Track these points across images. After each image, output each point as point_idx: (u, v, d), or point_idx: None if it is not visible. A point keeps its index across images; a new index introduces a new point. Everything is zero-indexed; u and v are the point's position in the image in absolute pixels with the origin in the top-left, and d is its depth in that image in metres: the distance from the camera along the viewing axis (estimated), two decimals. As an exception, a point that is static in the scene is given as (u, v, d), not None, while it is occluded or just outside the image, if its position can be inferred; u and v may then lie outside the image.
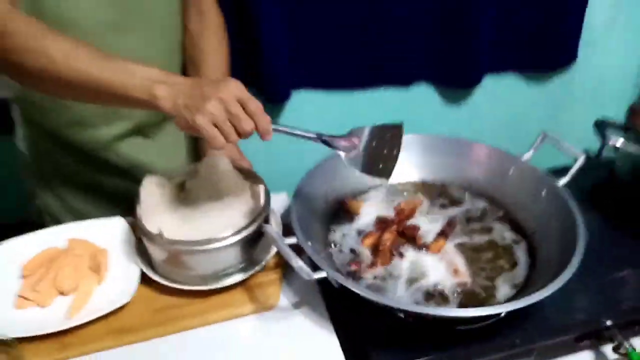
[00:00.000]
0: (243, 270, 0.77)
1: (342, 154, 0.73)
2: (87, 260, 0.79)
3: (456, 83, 1.56)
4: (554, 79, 1.63)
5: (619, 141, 0.84)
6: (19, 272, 0.79)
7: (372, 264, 0.78)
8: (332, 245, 0.82)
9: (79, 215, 0.95)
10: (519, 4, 1.46)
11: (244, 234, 0.74)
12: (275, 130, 0.68)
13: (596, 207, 0.92)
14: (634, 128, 0.86)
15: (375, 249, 0.80)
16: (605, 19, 1.59)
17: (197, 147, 1.02)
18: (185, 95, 0.63)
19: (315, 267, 0.69)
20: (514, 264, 0.79)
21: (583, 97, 1.60)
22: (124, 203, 0.85)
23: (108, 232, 0.84)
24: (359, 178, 0.90)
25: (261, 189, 0.80)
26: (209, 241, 0.73)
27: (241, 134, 0.65)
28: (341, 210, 0.88)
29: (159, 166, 0.91)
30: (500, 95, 1.58)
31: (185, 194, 0.83)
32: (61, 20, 0.76)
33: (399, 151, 0.72)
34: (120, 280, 0.77)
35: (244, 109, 0.64)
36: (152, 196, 0.78)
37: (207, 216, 0.78)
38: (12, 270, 0.79)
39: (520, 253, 0.80)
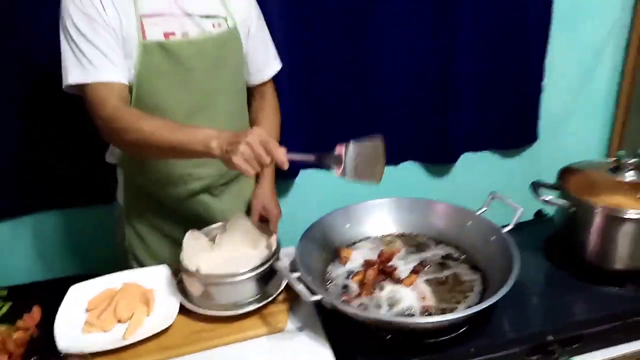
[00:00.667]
0: (258, 301, 1.00)
1: (334, 170, 0.93)
2: (138, 297, 1.02)
3: (439, 160, 1.84)
4: (522, 154, 1.92)
5: (548, 197, 1.08)
6: (86, 307, 1.02)
7: (359, 294, 1.00)
8: (328, 281, 1.05)
9: (156, 256, 1.24)
10: (488, 97, 1.79)
11: (259, 270, 0.98)
12: (288, 158, 0.91)
13: (544, 251, 1.15)
14: (562, 187, 1.10)
15: (361, 283, 1.02)
16: (562, 107, 1.90)
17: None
18: (227, 143, 0.91)
19: (313, 294, 0.91)
20: (469, 293, 1.00)
21: (549, 168, 1.88)
22: None
23: (154, 276, 1.08)
24: (349, 230, 1.16)
25: (273, 239, 1.05)
26: (232, 275, 0.96)
27: (263, 165, 0.91)
28: (336, 256, 1.11)
29: (221, 220, 1.17)
30: (477, 169, 1.86)
31: (216, 244, 1.08)
32: (155, 106, 1.09)
33: (384, 157, 0.92)
34: (164, 310, 1.00)
35: (266, 147, 0.90)
36: (191, 245, 1.04)
37: (232, 259, 1.03)
38: (80, 306, 1.02)
39: (475, 284, 1.02)
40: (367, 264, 1.06)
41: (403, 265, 1.08)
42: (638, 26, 1.82)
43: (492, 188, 1.12)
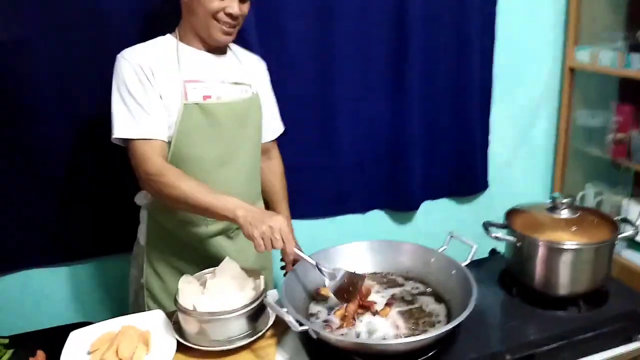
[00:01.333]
0: (249, 336, 1.10)
1: (326, 281, 1.17)
2: (137, 338, 1.11)
3: (402, 208, 2.02)
4: (477, 200, 2.12)
5: (498, 233, 1.25)
6: (87, 350, 1.10)
7: (340, 326, 1.12)
8: (311, 316, 1.16)
9: (171, 294, 1.32)
10: (442, 152, 2.00)
11: (250, 307, 1.09)
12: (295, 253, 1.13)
13: (499, 282, 1.31)
14: (509, 225, 1.28)
15: (343, 317, 1.14)
16: (507, 158, 2.14)
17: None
18: (253, 218, 1.10)
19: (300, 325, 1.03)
20: (436, 320, 1.14)
21: (501, 210, 2.10)
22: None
23: (150, 320, 1.17)
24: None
25: (261, 279, 1.17)
26: (224, 313, 1.07)
27: (274, 247, 1.09)
28: (315, 295, 1.23)
29: (235, 260, 1.29)
30: (437, 214, 2.04)
31: (206, 288, 1.19)
32: (191, 156, 1.29)
33: (357, 293, 1.16)
34: (163, 349, 1.09)
35: (283, 236, 1.09)
36: (186, 289, 1.14)
37: (223, 300, 1.13)
38: (82, 349, 1.10)
39: (441, 313, 1.16)
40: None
41: (378, 299, 1.21)
42: (566, 90, 2.11)
43: (451, 230, 1.30)
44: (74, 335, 1.13)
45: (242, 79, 1.38)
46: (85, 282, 1.74)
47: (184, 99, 1.27)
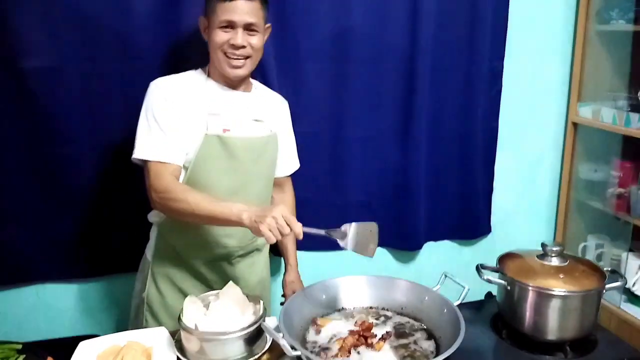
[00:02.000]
0: (245, 358, 1.16)
1: (340, 242, 1.22)
2: (140, 352, 1.18)
3: (404, 248, 2.07)
4: (479, 244, 2.17)
5: (490, 276, 1.30)
6: (94, 360, 1.17)
7: (335, 355, 1.17)
8: (307, 345, 1.22)
9: (171, 312, 1.43)
10: (446, 196, 2.07)
11: (248, 330, 1.16)
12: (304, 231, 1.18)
13: (491, 325, 1.35)
14: (501, 270, 1.33)
15: (341, 347, 1.19)
16: (511, 205, 2.19)
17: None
18: (256, 216, 1.17)
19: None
20: (426, 355, 1.18)
21: None
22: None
23: (154, 336, 1.24)
24: (325, 301, 1.34)
25: (261, 304, 1.24)
26: (224, 333, 1.14)
27: (283, 235, 1.15)
28: (313, 324, 1.29)
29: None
30: (438, 255, 2.09)
31: (209, 310, 1.25)
32: (205, 184, 1.38)
33: (377, 238, 1.25)
34: (163, 364, 1.15)
35: (287, 221, 1.15)
36: (190, 308, 1.21)
37: (223, 321, 1.20)
38: (89, 358, 1.17)
39: (431, 349, 1.21)
40: (352, 332, 1.23)
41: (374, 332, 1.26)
42: (569, 144, 2.18)
43: (450, 271, 1.36)
44: (82, 346, 1.20)
45: (262, 117, 1.48)
46: (94, 298, 1.82)
47: (206, 130, 1.37)
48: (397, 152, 1.98)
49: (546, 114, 2.17)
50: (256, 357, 1.18)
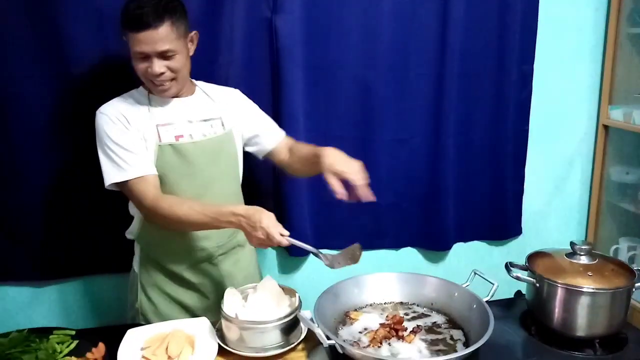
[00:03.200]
0: (281, 347, 1.23)
1: (324, 262, 1.27)
2: (184, 339, 1.25)
3: (433, 248, 2.11)
4: (508, 245, 2.18)
5: (519, 274, 1.34)
6: (142, 346, 1.25)
7: (367, 346, 1.23)
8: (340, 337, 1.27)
9: (165, 318, 1.47)
10: (476, 197, 2.09)
11: (285, 320, 1.22)
12: (290, 242, 1.22)
13: (520, 322, 1.38)
14: (530, 268, 1.36)
15: (372, 338, 1.24)
16: (542, 207, 2.20)
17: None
18: (247, 224, 1.22)
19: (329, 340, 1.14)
20: (456, 349, 1.22)
21: None
22: (193, 313, 1.47)
23: (197, 325, 1.32)
24: (357, 295, 1.39)
25: (296, 296, 1.30)
26: (262, 322, 1.21)
27: (272, 245, 1.22)
28: (345, 317, 1.34)
29: (217, 285, 1.47)
30: (467, 256, 2.12)
31: (248, 301, 1.32)
32: (169, 192, 1.39)
33: (358, 254, 1.27)
34: (205, 351, 1.22)
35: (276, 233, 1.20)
36: (230, 299, 1.29)
37: (261, 312, 1.27)
38: (137, 345, 1.25)
39: (460, 343, 1.25)
40: (382, 325, 1.29)
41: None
42: (599, 146, 2.18)
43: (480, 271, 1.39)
44: (130, 333, 1.28)
45: (211, 115, 1.47)
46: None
47: (158, 141, 1.39)
48: (427, 155, 2.02)
49: (577, 116, 2.18)
50: (292, 346, 1.24)
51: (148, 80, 1.38)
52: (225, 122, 1.50)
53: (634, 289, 1.27)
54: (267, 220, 1.21)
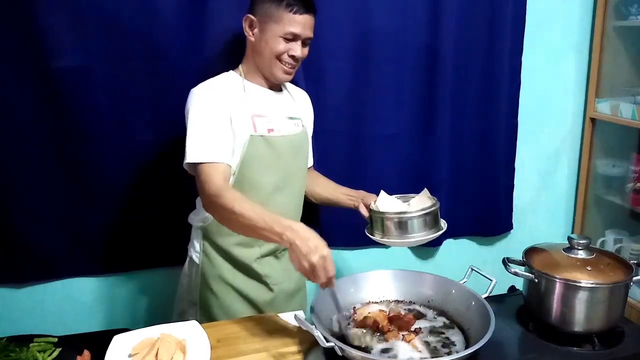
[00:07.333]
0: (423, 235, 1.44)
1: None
2: (174, 344, 1.20)
3: (424, 245, 2.07)
4: (498, 241, 2.18)
5: (516, 269, 1.32)
6: (129, 352, 1.19)
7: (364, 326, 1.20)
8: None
9: (227, 311, 1.45)
10: (467, 193, 2.08)
11: (425, 211, 1.45)
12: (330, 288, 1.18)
13: (517, 318, 1.36)
14: (527, 263, 1.34)
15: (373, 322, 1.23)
16: (529, 201, 2.21)
17: None
18: (302, 245, 1.12)
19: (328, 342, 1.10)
20: (455, 348, 1.20)
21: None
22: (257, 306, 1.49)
23: (185, 330, 1.26)
24: (353, 294, 1.36)
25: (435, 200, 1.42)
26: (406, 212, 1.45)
27: (316, 281, 1.14)
28: (350, 315, 1.30)
29: (280, 278, 1.48)
30: (458, 252, 2.10)
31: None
32: (252, 182, 1.42)
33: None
34: (197, 356, 1.17)
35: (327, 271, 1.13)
36: (383, 201, 1.54)
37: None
38: (124, 352, 1.19)
39: (460, 342, 1.22)
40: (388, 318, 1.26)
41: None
42: (587, 139, 2.19)
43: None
44: (117, 339, 1.22)
45: (296, 114, 1.55)
46: (124, 293, 1.85)
47: (253, 131, 1.41)
48: (418, 149, 1.99)
49: (564, 110, 2.18)
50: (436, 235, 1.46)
51: (277, 62, 1.41)
52: (304, 122, 1.57)
53: (631, 283, 1.27)
54: (327, 255, 1.12)
